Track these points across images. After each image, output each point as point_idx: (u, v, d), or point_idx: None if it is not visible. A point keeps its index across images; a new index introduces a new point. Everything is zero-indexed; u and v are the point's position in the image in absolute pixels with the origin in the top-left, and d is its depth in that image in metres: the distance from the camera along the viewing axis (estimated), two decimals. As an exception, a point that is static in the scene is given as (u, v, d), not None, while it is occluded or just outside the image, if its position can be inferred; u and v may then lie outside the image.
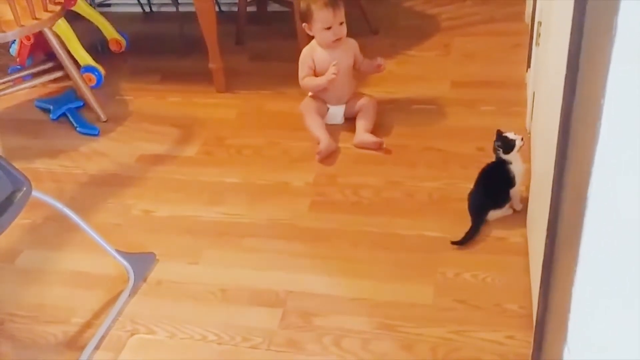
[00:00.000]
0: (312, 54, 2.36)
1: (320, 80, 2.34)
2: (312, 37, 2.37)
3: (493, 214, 1.91)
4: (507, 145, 1.87)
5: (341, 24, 2.29)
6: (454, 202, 1.98)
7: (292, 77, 2.73)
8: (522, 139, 1.88)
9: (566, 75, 0.92)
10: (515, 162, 1.89)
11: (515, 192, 1.91)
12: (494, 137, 1.90)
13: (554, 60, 1.27)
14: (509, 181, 1.89)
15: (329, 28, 2.27)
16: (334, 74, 2.28)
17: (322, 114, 2.40)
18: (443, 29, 2.99)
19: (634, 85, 0.74)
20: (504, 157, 1.88)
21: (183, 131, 2.50)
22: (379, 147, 2.26)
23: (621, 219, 0.85)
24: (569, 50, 0.90)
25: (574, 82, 0.94)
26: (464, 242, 1.85)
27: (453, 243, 1.84)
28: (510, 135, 1.88)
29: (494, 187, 1.91)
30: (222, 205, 2.12)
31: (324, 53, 2.33)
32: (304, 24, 2.33)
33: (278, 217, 2.05)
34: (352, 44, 2.40)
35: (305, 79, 2.38)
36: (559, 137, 1.01)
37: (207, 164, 2.32)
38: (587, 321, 0.98)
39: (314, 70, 2.37)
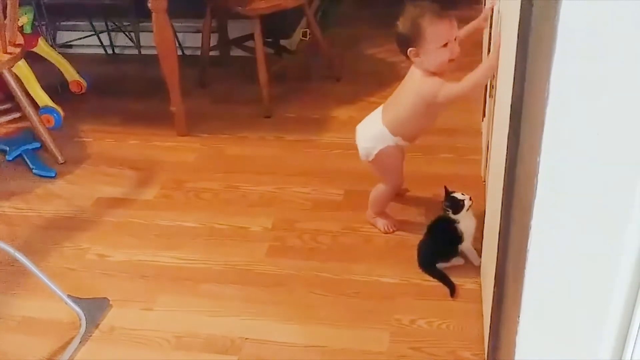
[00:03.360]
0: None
1: (489, 64, 1.75)
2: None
3: (441, 265, 1.93)
4: (455, 205, 1.87)
5: (455, 40, 1.82)
6: (411, 249, 2.00)
7: (253, 121, 2.76)
8: (470, 199, 1.87)
9: (509, 132, 0.96)
10: (463, 220, 1.88)
11: (467, 248, 1.92)
12: (444, 192, 1.90)
13: (501, 114, 1.31)
14: (457, 238, 1.90)
15: (445, 45, 1.80)
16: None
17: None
18: (403, 77, 3.04)
19: (566, 144, 0.78)
20: (453, 217, 1.88)
21: (142, 174, 2.49)
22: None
23: (559, 272, 0.88)
24: (512, 109, 0.94)
25: (517, 137, 0.97)
26: (452, 289, 1.86)
27: (452, 296, 1.85)
28: (459, 195, 1.88)
29: (441, 242, 1.93)
30: (179, 249, 2.10)
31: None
32: (409, 50, 1.83)
33: (235, 262, 2.04)
34: None
35: (467, 81, 1.81)
36: (504, 190, 1.04)
37: (165, 207, 2.31)
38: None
39: (422, 113, 1.91)
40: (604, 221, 0.84)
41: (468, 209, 1.87)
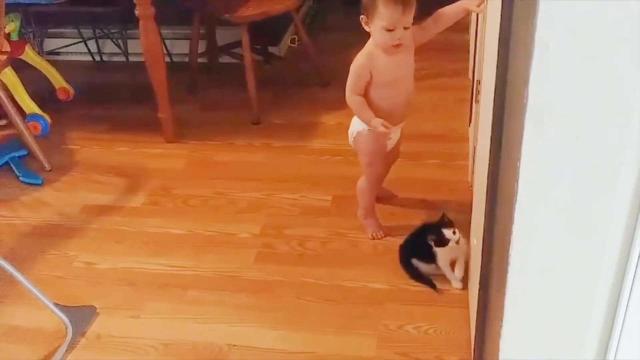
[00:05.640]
0: (370, 63, 1.89)
1: (369, 118, 1.91)
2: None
3: (420, 265, 1.93)
4: (439, 241, 1.86)
5: (406, 29, 1.84)
6: (398, 254, 2.00)
7: (241, 128, 2.77)
8: (457, 241, 1.85)
9: (491, 138, 0.96)
10: (442, 252, 1.87)
11: (444, 271, 1.90)
12: (440, 217, 1.89)
13: (485, 120, 1.32)
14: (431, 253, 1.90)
15: (391, 30, 1.83)
16: (385, 132, 1.89)
17: (389, 164, 2.17)
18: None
19: (544, 148, 0.79)
20: (435, 249, 1.88)
21: (130, 181, 2.48)
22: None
23: (541, 275, 0.88)
24: (493, 114, 0.94)
25: (499, 142, 0.98)
26: (433, 286, 1.88)
27: (434, 290, 1.87)
28: (448, 233, 1.85)
29: (420, 244, 1.93)
30: (166, 256, 2.10)
31: (384, 59, 1.89)
32: (362, 16, 1.87)
33: (223, 268, 2.03)
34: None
35: (357, 101, 1.93)
36: (487, 195, 1.04)
37: (152, 214, 2.30)
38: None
39: (370, 81, 1.92)
40: (585, 225, 0.85)
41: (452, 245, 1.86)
